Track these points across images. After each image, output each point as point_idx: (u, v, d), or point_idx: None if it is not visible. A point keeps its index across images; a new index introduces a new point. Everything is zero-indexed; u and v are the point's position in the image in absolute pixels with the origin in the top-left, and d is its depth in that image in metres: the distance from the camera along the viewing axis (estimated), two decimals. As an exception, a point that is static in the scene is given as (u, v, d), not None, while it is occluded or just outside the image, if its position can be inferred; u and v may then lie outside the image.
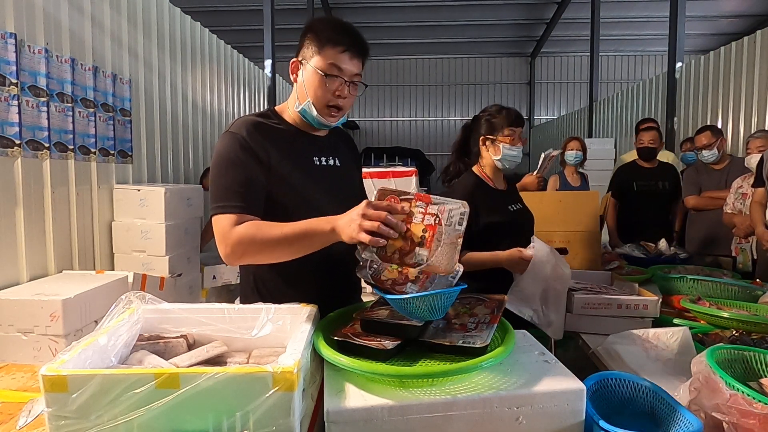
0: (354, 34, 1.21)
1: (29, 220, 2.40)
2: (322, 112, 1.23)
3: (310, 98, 1.22)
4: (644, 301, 1.59)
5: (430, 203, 1.00)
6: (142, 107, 3.41)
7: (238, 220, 1.13)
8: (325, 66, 1.19)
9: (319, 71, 1.19)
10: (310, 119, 1.26)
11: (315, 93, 1.21)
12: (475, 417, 0.85)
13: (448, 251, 0.96)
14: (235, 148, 1.18)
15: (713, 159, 3.17)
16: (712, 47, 6.14)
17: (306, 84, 1.22)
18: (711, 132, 3.18)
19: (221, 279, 3.73)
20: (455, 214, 0.99)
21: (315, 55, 1.20)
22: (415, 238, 0.97)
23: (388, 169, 2.86)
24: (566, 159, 3.89)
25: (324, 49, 1.19)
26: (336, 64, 1.19)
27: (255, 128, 1.22)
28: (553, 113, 12.41)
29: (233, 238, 1.11)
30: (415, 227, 0.98)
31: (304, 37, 1.24)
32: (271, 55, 6.21)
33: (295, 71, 1.26)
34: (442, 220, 0.98)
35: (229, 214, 1.13)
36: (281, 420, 0.77)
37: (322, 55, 1.19)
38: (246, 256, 1.14)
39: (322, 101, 1.22)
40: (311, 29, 1.23)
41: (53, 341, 2.06)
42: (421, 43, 11.33)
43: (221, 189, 1.16)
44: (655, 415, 0.99)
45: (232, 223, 1.12)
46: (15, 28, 2.29)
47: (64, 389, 0.75)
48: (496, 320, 1.07)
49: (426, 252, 0.96)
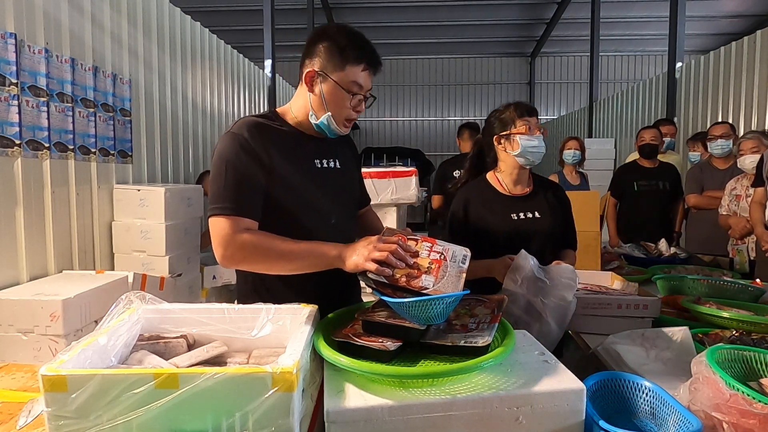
0: (373, 50, 1.24)
1: (29, 220, 2.40)
2: (340, 124, 1.25)
3: (330, 113, 1.23)
4: (644, 301, 1.59)
5: (435, 244, 1.08)
6: (142, 107, 3.41)
7: (236, 223, 1.13)
8: (347, 84, 1.21)
9: (342, 89, 1.20)
10: (327, 131, 1.26)
11: (336, 109, 1.23)
12: (475, 417, 0.85)
13: (453, 281, 1.01)
14: (236, 149, 1.18)
15: (726, 152, 3.19)
16: (712, 47, 6.14)
17: (327, 98, 1.22)
18: (728, 125, 3.25)
19: (221, 279, 3.73)
20: (459, 254, 1.06)
21: (337, 71, 1.20)
22: (422, 268, 1.03)
23: (388, 169, 2.85)
24: (564, 158, 3.92)
25: (346, 67, 1.20)
26: (358, 82, 1.21)
27: (257, 129, 1.21)
28: (553, 113, 12.41)
29: (236, 244, 1.12)
30: (422, 260, 1.05)
31: (320, 46, 1.21)
32: (271, 55, 6.21)
33: (310, 81, 1.24)
34: (446, 256, 1.05)
35: (227, 216, 1.13)
36: (280, 420, 0.77)
37: (344, 72, 1.20)
38: (244, 263, 1.16)
39: (342, 116, 1.24)
40: (330, 39, 1.21)
41: (53, 341, 2.06)
42: (421, 43, 11.33)
43: (220, 190, 1.16)
44: (655, 415, 0.99)
45: (232, 227, 1.12)
46: (15, 28, 2.29)
47: (64, 389, 0.75)
48: (496, 320, 1.07)
49: (432, 278, 1.01)
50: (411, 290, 1.00)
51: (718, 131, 3.23)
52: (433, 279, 1.01)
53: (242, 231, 1.13)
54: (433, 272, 1.02)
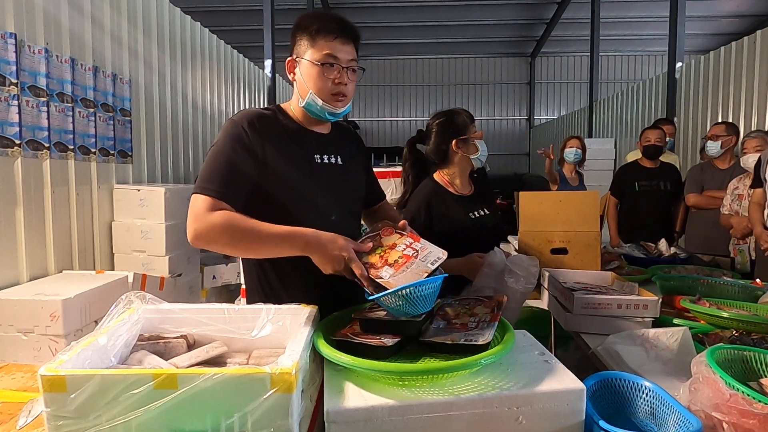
0: (342, 20, 1.24)
1: (29, 220, 2.40)
2: (327, 100, 1.24)
3: (311, 90, 1.23)
4: (644, 301, 1.59)
5: (417, 242, 1.12)
6: (142, 107, 3.41)
7: (214, 204, 1.13)
8: (320, 57, 1.21)
9: (315, 63, 1.21)
10: (318, 111, 1.26)
11: (315, 84, 1.22)
12: (475, 417, 0.85)
13: (411, 277, 1.02)
14: (233, 136, 1.19)
15: (714, 152, 3.20)
16: (712, 47, 6.14)
17: (305, 78, 1.23)
18: (725, 126, 3.24)
19: (221, 279, 3.73)
20: (433, 255, 1.08)
21: (308, 49, 1.22)
22: (389, 260, 1.07)
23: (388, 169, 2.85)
24: (565, 157, 3.92)
25: (316, 41, 1.21)
26: (331, 53, 1.21)
27: (257, 120, 1.23)
28: (553, 113, 12.42)
29: (207, 222, 1.11)
30: (394, 253, 1.09)
31: (295, 36, 1.26)
32: (271, 55, 6.21)
33: (291, 70, 1.28)
34: (419, 255, 1.08)
35: (207, 196, 1.13)
36: (279, 421, 0.77)
37: (315, 48, 1.21)
38: (213, 243, 1.14)
39: (325, 91, 1.23)
40: (299, 26, 1.25)
41: (53, 341, 2.06)
42: (421, 43, 11.33)
43: (207, 170, 1.17)
44: (655, 415, 0.99)
45: (208, 206, 1.13)
46: (15, 28, 2.29)
47: (63, 389, 0.75)
48: (496, 319, 1.07)
49: (392, 271, 1.04)
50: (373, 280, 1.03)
51: (712, 132, 3.24)
52: (392, 271, 1.03)
53: (216, 210, 1.13)
54: (396, 266, 1.05)
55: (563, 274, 1.98)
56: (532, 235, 2.23)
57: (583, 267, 2.15)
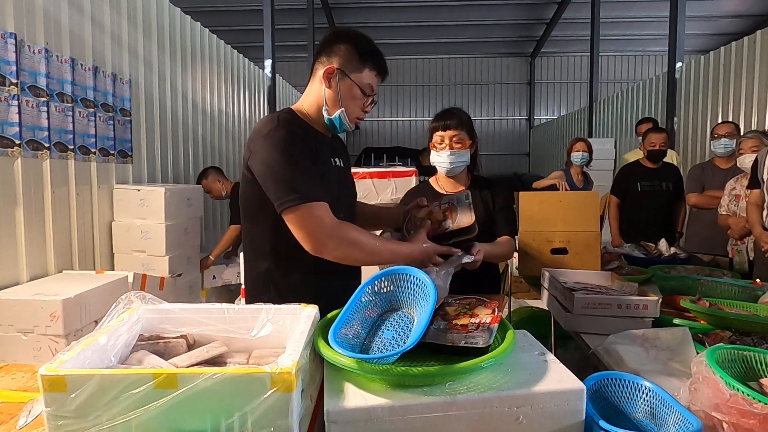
0: (384, 59, 1.35)
1: (29, 220, 2.40)
2: (351, 121, 1.33)
3: (343, 109, 1.29)
4: (644, 301, 1.59)
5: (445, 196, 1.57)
6: (142, 107, 3.41)
7: (328, 210, 1.18)
8: (363, 85, 1.29)
9: (358, 89, 1.28)
10: (337, 126, 1.32)
11: (349, 107, 1.30)
12: (475, 417, 0.85)
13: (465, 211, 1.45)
14: (297, 141, 1.21)
15: (728, 151, 3.21)
16: (712, 47, 6.14)
17: (343, 95, 1.28)
18: (734, 125, 3.29)
19: (221, 279, 3.73)
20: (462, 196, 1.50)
21: (355, 72, 1.28)
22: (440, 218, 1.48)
23: (388, 169, 2.84)
24: (572, 160, 3.98)
25: (364, 70, 1.29)
26: (371, 85, 1.31)
27: (298, 126, 1.27)
28: (553, 113, 12.41)
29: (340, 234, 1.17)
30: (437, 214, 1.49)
31: (341, 46, 1.28)
32: (271, 55, 6.21)
33: (328, 77, 1.28)
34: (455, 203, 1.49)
35: (317, 202, 1.16)
36: (279, 421, 0.77)
37: (362, 74, 1.29)
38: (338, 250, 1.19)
39: (353, 114, 1.32)
40: (352, 42, 1.29)
41: (53, 341, 2.06)
42: (421, 43, 11.33)
43: (299, 177, 1.17)
44: (655, 415, 0.99)
45: (328, 214, 1.17)
46: (15, 28, 2.29)
47: (63, 389, 0.75)
48: (496, 320, 1.07)
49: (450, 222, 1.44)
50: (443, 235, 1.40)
51: (722, 130, 3.23)
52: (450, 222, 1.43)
53: (341, 221, 1.19)
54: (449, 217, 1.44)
55: (563, 274, 1.98)
56: (532, 235, 2.24)
57: (583, 267, 2.15)
